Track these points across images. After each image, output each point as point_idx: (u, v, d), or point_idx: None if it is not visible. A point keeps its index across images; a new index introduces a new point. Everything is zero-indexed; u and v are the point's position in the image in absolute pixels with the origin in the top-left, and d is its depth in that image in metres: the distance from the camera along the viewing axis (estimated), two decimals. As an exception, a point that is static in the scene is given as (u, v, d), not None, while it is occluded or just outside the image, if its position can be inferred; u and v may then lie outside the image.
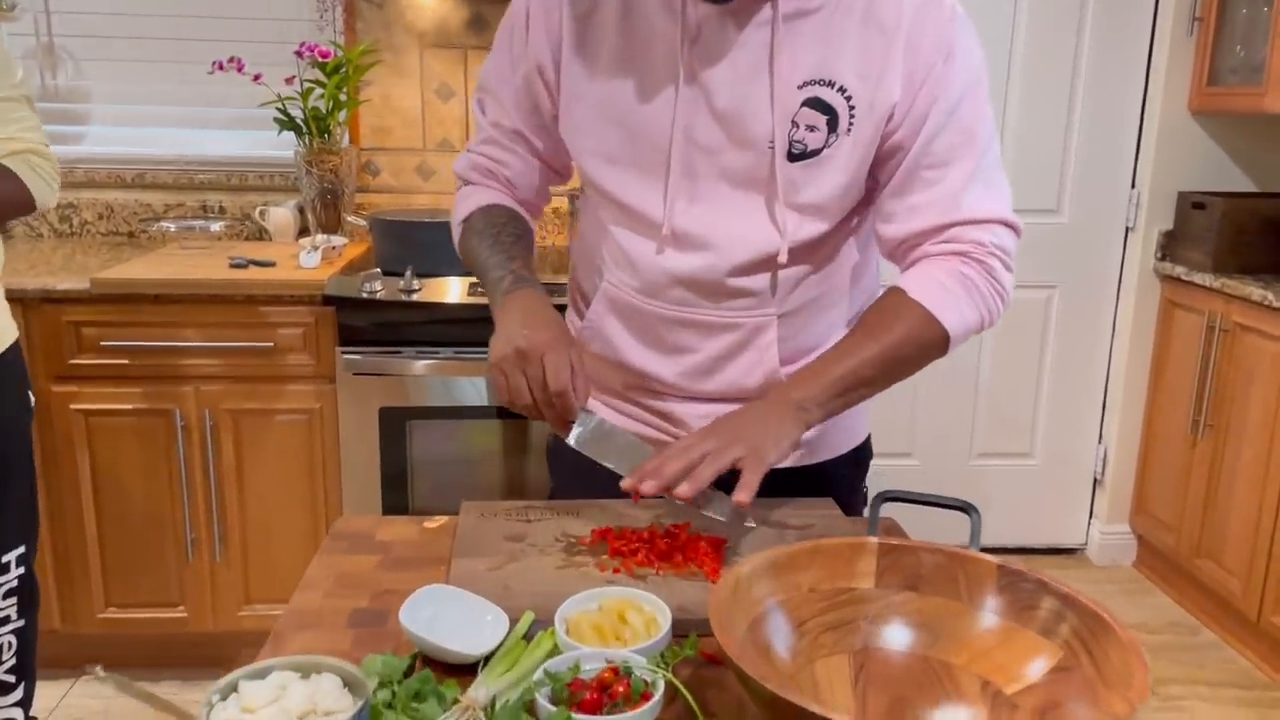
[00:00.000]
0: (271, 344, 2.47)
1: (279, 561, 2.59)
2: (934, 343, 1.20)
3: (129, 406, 2.48)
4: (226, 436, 2.52)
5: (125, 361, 2.46)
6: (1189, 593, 3.16)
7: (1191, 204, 3.15)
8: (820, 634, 0.93)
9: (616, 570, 1.10)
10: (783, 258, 1.22)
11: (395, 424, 2.48)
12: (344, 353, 2.44)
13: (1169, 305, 3.23)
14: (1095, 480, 3.48)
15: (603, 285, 1.32)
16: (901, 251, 1.26)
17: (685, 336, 1.29)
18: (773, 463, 1.11)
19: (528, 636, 0.96)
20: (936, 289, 1.19)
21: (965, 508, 1.05)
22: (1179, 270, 3.14)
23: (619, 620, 0.95)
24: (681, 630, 0.97)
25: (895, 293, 1.22)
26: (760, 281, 1.25)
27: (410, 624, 0.92)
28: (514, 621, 0.98)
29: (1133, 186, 3.26)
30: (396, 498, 2.53)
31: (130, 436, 2.50)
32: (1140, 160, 3.25)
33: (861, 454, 1.46)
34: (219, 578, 2.60)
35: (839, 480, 1.40)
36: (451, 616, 0.96)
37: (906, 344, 1.19)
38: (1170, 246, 3.23)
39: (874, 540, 0.97)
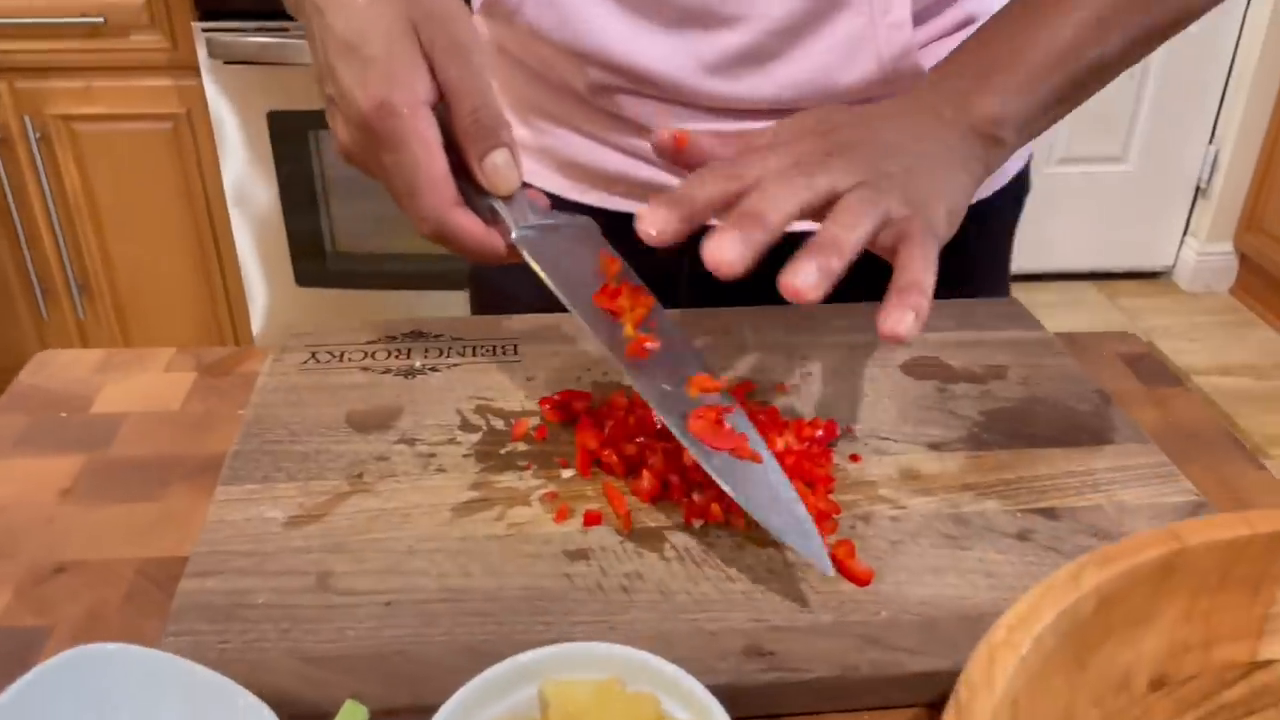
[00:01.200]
0: (102, 18, 1.71)
1: (165, 311, 1.99)
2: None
3: (-83, 112, 1.77)
4: (64, 152, 1.82)
5: (-105, 46, 1.71)
6: (1304, 327, 2.60)
7: None
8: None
9: (594, 519, 0.47)
10: None
11: (292, 133, 1.78)
12: (207, 30, 1.68)
13: (1338, -44, 2.42)
14: (1198, 189, 2.81)
15: None
16: None
17: None
18: (945, 238, 0.47)
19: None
20: None
21: None
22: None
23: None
24: (747, 707, 0.37)
25: None
26: None
27: None
28: (317, 730, 0.36)
29: None
30: (306, 226, 1.87)
31: (-70, 154, 1.80)
32: None
33: (1021, 185, 0.80)
34: (90, 335, 2.00)
35: (987, 234, 0.75)
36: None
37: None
38: None
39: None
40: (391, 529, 0.46)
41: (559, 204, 0.70)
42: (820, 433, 0.52)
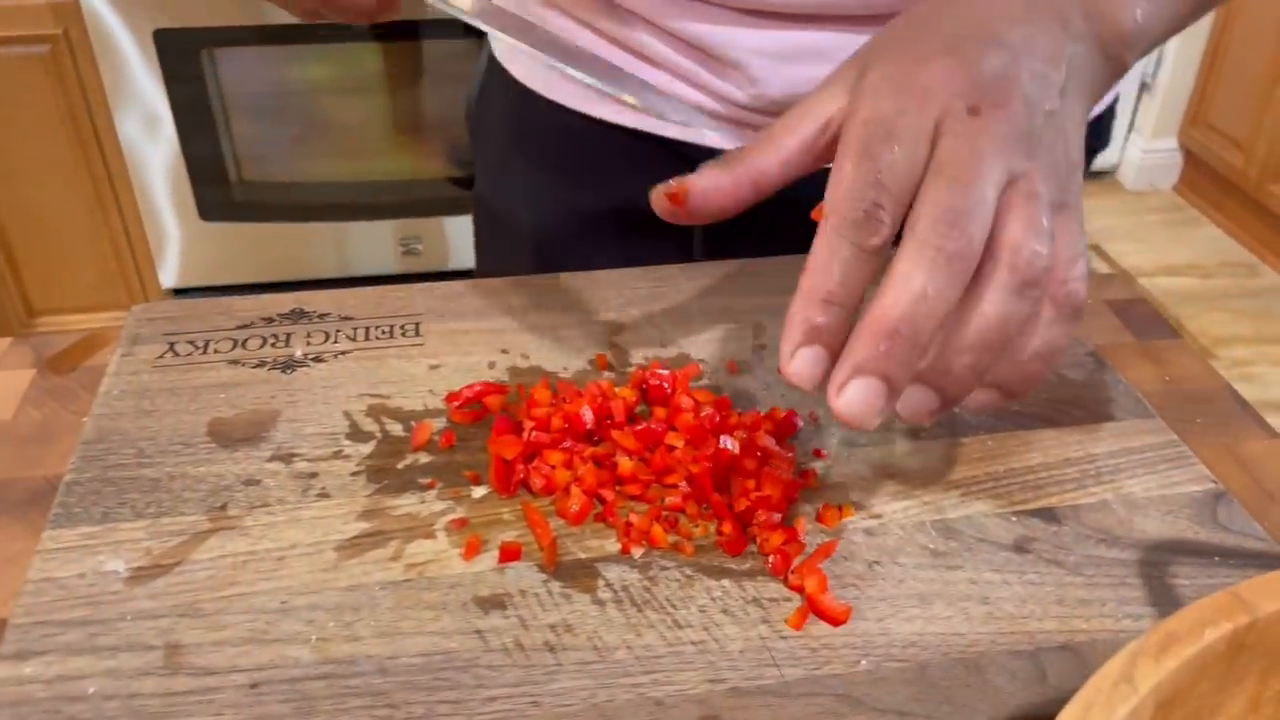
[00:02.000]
0: (-44, -73, 1.53)
1: (63, 257, 1.84)
2: None
3: None
4: (-70, 82, 1.65)
5: None
6: (1248, 223, 2.57)
7: None
8: None
9: (512, 553, 0.39)
10: None
11: (184, 52, 1.62)
12: (77, -62, 1.51)
13: None
14: (1143, 85, 2.75)
15: None
16: None
17: None
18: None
19: None
20: None
21: None
22: None
23: None
24: None
25: None
26: None
27: None
28: None
29: None
30: (206, 153, 1.72)
31: None
32: None
33: (1100, 130, 0.66)
34: (-19, 284, 1.85)
35: None
36: None
37: None
38: None
39: None
40: (261, 579, 0.38)
41: (580, 121, 0.62)
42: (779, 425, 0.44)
